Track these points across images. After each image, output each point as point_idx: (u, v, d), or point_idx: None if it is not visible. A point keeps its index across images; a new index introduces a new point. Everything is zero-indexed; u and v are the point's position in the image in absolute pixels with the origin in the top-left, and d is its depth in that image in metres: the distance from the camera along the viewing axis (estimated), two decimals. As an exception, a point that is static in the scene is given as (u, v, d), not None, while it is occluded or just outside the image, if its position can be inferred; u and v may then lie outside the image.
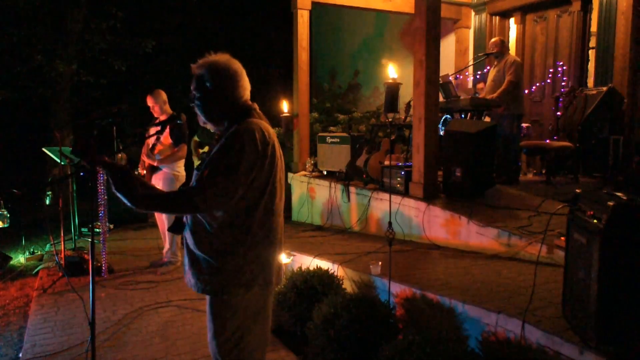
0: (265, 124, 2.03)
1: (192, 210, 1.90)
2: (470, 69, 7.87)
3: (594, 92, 5.95)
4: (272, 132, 2.04)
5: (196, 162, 6.18)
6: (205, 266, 1.97)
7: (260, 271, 2.01)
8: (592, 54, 6.84)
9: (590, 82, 6.77)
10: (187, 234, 2.03)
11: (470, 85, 8.20)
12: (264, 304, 2.12)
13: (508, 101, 5.46)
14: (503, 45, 5.76)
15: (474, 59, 7.41)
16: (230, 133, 1.93)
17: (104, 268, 4.94)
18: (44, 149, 5.90)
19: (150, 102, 4.95)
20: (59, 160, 5.56)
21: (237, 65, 2.05)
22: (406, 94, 6.72)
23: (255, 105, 2.09)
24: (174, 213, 1.93)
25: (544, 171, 5.98)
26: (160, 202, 1.93)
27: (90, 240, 2.29)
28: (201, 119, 2.08)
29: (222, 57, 2.04)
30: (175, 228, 2.10)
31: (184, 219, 2.07)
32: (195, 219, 1.99)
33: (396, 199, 4.84)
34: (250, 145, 1.89)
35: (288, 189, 6.90)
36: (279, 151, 2.05)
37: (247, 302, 2.03)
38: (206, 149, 6.37)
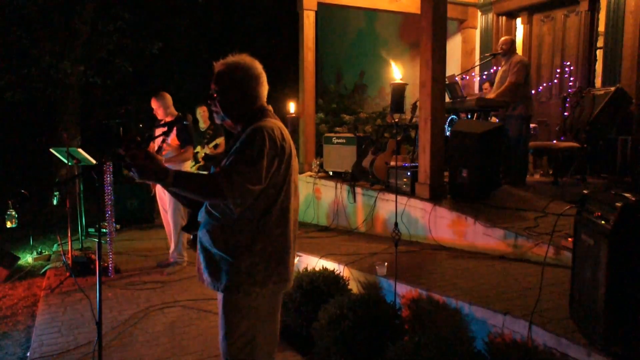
0: (281, 124, 2.08)
1: (217, 196, 1.87)
2: (477, 69, 7.85)
3: (602, 92, 5.91)
4: (287, 133, 2.08)
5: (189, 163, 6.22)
6: (222, 263, 1.99)
7: (274, 269, 2.03)
8: (599, 54, 6.80)
9: (598, 82, 6.73)
10: (203, 232, 2.04)
11: (476, 85, 8.18)
12: (275, 304, 2.14)
13: (515, 102, 5.42)
14: (512, 44, 5.72)
15: (481, 59, 7.38)
16: (251, 129, 1.96)
17: (110, 268, 4.96)
18: (51, 150, 5.94)
19: (154, 104, 4.98)
20: (66, 161, 5.60)
21: (260, 67, 2.11)
22: (412, 95, 6.72)
23: (270, 107, 2.15)
24: (201, 195, 1.92)
25: (551, 172, 5.95)
26: (190, 181, 1.91)
27: (97, 240, 2.30)
28: (219, 116, 2.10)
29: (247, 58, 2.10)
30: (190, 227, 2.10)
31: (199, 217, 2.07)
32: (211, 217, 2.00)
33: (402, 199, 4.83)
34: (270, 141, 1.93)
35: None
36: (293, 151, 2.09)
37: (260, 301, 2.04)
38: (198, 148, 6.42)
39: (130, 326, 3.80)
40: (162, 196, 5.15)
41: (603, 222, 2.14)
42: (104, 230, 5.12)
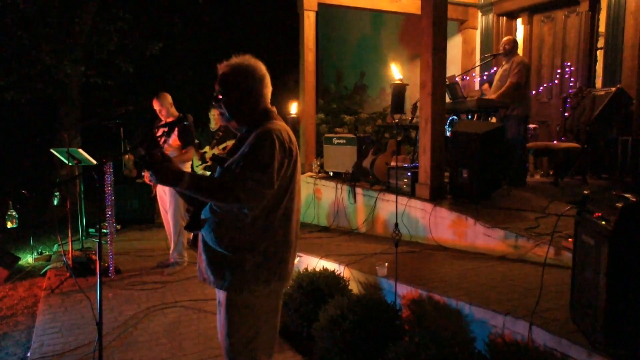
0: (287, 127, 2.10)
1: (232, 202, 1.89)
2: (477, 69, 7.85)
3: (602, 92, 5.91)
4: (292, 135, 2.10)
5: (196, 162, 6.23)
6: (226, 263, 2.00)
7: (277, 268, 2.05)
8: (600, 54, 6.80)
9: (599, 82, 6.73)
10: (206, 231, 2.05)
11: (477, 86, 8.18)
12: (276, 302, 2.15)
13: (514, 102, 5.43)
14: (514, 44, 5.72)
15: (481, 59, 7.38)
16: (259, 132, 1.97)
17: (111, 269, 4.96)
18: (52, 150, 5.94)
19: (156, 105, 4.99)
20: (66, 161, 5.60)
21: (264, 68, 2.12)
22: (413, 95, 6.72)
23: (274, 109, 2.15)
24: (215, 199, 1.93)
25: (551, 172, 5.95)
26: (205, 185, 1.93)
27: (97, 240, 2.30)
28: (225, 117, 2.11)
29: (250, 60, 2.10)
30: (191, 226, 2.10)
31: (202, 215, 2.08)
32: (216, 216, 2.01)
33: (402, 200, 4.83)
34: (279, 144, 1.95)
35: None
36: (298, 153, 2.10)
37: (263, 299, 2.05)
38: (207, 149, 6.43)
39: (130, 326, 3.80)
40: (163, 196, 5.15)
41: (604, 222, 2.14)
42: (105, 230, 5.12)
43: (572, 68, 6.91)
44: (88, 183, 6.29)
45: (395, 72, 3.54)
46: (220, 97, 2.06)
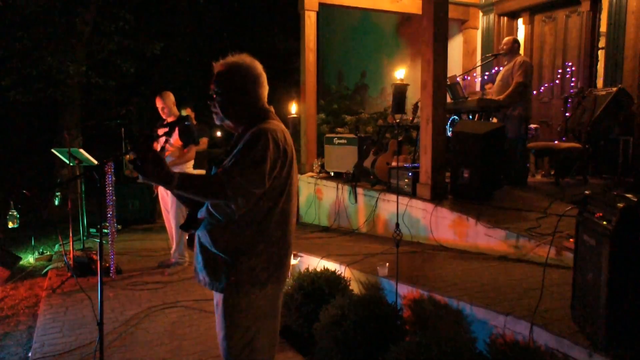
0: (283, 127, 2.08)
1: (220, 197, 1.87)
2: (478, 69, 7.84)
3: (603, 92, 5.90)
4: (289, 135, 2.08)
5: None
6: (221, 264, 1.99)
7: (274, 270, 2.03)
8: (601, 54, 6.79)
9: (600, 82, 6.72)
10: (202, 232, 2.04)
11: (478, 86, 8.17)
12: (274, 304, 2.13)
13: (515, 102, 5.43)
14: (514, 45, 5.71)
15: (482, 59, 7.37)
16: (254, 131, 1.96)
17: (112, 268, 4.97)
18: (53, 150, 5.95)
19: (159, 103, 5.01)
20: (67, 162, 5.61)
21: (260, 68, 2.10)
22: (414, 95, 6.72)
23: (272, 108, 2.14)
24: (205, 196, 1.91)
25: (552, 172, 5.94)
26: (194, 182, 1.90)
27: (98, 240, 2.31)
28: (218, 117, 2.09)
29: (247, 59, 2.08)
30: (188, 225, 2.09)
31: (199, 215, 2.07)
32: (213, 217, 2.00)
33: (403, 200, 4.83)
34: (273, 143, 1.93)
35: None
36: (294, 154, 2.09)
37: (260, 301, 2.04)
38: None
39: (131, 326, 3.80)
40: (165, 197, 5.16)
41: (605, 222, 2.13)
42: (106, 230, 5.12)
43: (573, 68, 6.90)
44: (89, 183, 6.29)
45: (398, 72, 3.54)
46: (215, 96, 2.05)
